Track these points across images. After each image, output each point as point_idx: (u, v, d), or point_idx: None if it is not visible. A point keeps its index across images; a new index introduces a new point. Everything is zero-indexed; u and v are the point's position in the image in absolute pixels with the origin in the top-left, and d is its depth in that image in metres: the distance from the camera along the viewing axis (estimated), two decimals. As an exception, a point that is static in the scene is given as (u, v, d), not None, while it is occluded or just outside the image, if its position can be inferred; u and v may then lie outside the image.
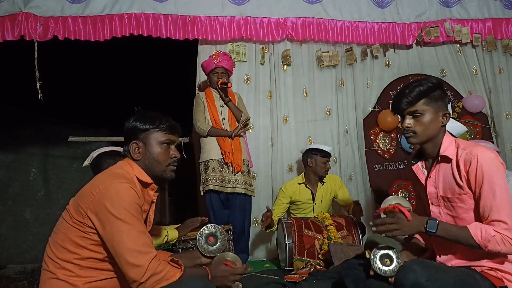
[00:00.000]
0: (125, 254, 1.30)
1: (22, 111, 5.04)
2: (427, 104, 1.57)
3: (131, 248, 1.30)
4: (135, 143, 1.52)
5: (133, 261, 1.29)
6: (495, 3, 4.09)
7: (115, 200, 1.33)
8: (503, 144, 4.01)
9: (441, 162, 1.61)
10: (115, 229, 1.31)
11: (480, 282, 1.45)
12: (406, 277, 1.38)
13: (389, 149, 3.91)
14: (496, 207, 1.44)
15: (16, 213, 4.89)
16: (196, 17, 3.56)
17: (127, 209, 1.33)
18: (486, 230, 1.43)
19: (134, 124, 1.54)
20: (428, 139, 1.60)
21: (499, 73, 4.10)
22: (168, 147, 1.55)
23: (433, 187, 1.64)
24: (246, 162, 3.23)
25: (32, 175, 5.02)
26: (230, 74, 3.34)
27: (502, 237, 1.42)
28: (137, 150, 1.52)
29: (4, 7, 3.20)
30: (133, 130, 1.53)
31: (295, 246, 2.81)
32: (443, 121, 1.59)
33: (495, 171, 1.47)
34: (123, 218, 1.32)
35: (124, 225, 1.31)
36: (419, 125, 1.58)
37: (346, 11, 3.85)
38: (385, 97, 3.97)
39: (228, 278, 1.55)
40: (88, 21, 3.33)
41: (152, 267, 1.31)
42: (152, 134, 1.53)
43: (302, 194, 3.25)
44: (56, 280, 1.36)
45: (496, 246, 1.42)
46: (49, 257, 1.39)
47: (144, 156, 1.52)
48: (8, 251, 4.76)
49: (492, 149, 1.55)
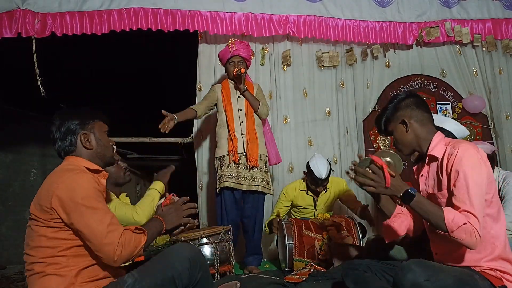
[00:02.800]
0: (95, 237, 1.37)
1: (22, 111, 5.04)
2: (389, 122, 1.75)
3: (99, 230, 1.37)
4: (84, 134, 1.59)
5: (105, 241, 1.37)
6: (495, 4, 4.09)
7: (75, 189, 1.39)
8: (503, 144, 4.01)
9: (430, 161, 1.68)
10: (81, 216, 1.37)
11: (480, 282, 1.45)
12: (405, 277, 1.38)
13: (389, 149, 3.89)
14: (469, 200, 1.46)
15: (16, 213, 4.89)
16: (196, 12, 3.52)
17: (88, 194, 1.40)
18: (459, 217, 1.44)
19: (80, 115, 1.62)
20: (410, 147, 1.72)
21: (499, 73, 4.10)
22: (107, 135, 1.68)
23: (424, 184, 1.71)
24: (264, 158, 3.05)
25: (32, 175, 5.03)
26: (248, 63, 3.17)
27: (472, 229, 1.42)
28: (86, 140, 1.59)
29: (1, 3, 3.16)
30: (80, 122, 1.60)
31: (295, 246, 2.80)
32: (405, 129, 1.69)
33: (471, 165, 1.49)
34: (86, 204, 1.38)
35: (88, 210, 1.38)
36: (396, 141, 1.76)
37: (347, 10, 3.85)
38: (385, 98, 3.97)
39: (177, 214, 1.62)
40: (85, 16, 3.29)
41: (122, 241, 1.38)
42: (96, 124, 1.64)
43: (303, 200, 3.21)
44: (46, 277, 1.39)
45: (462, 234, 1.42)
46: (32, 262, 1.42)
47: (96, 144, 1.61)
48: (8, 251, 4.76)
49: (476, 146, 1.55)
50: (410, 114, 1.68)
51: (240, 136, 2.99)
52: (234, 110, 3.03)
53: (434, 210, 1.49)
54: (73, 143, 1.58)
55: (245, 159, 2.96)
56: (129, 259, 1.42)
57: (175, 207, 1.63)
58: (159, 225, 1.57)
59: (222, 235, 2.54)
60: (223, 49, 3.15)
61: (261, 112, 3.07)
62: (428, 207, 1.50)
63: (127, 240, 1.41)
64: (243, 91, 3.02)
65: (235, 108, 3.04)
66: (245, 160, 2.96)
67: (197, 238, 2.46)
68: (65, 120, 1.60)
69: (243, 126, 3.01)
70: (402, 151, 1.75)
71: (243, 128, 3.00)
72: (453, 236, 1.44)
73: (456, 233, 1.43)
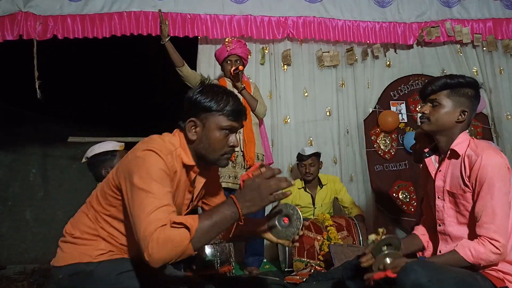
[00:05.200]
0: (136, 222, 1.18)
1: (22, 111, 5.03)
2: (448, 96, 1.59)
3: (141, 217, 1.17)
4: (193, 122, 1.35)
5: (142, 231, 1.14)
6: (496, 3, 4.09)
7: (140, 167, 1.23)
8: (503, 144, 4.00)
9: (451, 157, 1.62)
10: (133, 196, 1.22)
11: (481, 282, 1.46)
12: (407, 278, 1.38)
13: (389, 149, 3.90)
14: (492, 209, 1.45)
15: (16, 213, 4.88)
16: (196, 15, 3.54)
17: (150, 176, 1.21)
18: (474, 248, 1.46)
19: (199, 98, 1.35)
20: (439, 130, 1.61)
21: (500, 73, 4.09)
22: (227, 134, 1.36)
23: (441, 181, 1.65)
24: (261, 157, 3.06)
25: (32, 175, 5.02)
26: (245, 62, 3.16)
27: (489, 247, 1.44)
28: (193, 129, 1.35)
29: (3, 6, 3.18)
30: (195, 105, 1.35)
31: (294, 246, 2.79)
32: (460, 117, 1.59)
33: (497, 174, 1.47)
34: (142, 186, 1.20)
35: (141, 192, 1.20)
36: (434, 114, 1.60)
37: (347, 11, 3.84)
38: (386, 98, 3.97)
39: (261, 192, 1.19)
40: (87, 19, 3.31)
41: (156, 237, 1.12)
42: (213, 117, 1.34)
43: (302, 199, 3.24)
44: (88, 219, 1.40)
45: (489, 259, 1.45)
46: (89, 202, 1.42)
47: (199, 139, 1.35)
48: (8, 251, 4.75)
49: (500, 153, 1.54)
50: (470, 109, 1.61)
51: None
52: None
53: (450, 258, 1.50)
54: (182, 123, 1.38)
55: (242, 159, 2.96)
56: (170, 261, 1.15)
57: (258, 183, 1.20)
58: (231, 211, 1.19)
59: (222, 235, 2.53)
60: (220, 48, 3.16)
61: (258, 111, 3.08)
62: (442, 260, 1.50)
63: (164, 237, 1.12)
64: (241, 89, 3.01)
65: None
66: (242, 160, 2.96)
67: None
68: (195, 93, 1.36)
69: None
70: (428, 125, 1.62)
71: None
72: (484, 265, 1.48)
73: (483, 262, 1.46)
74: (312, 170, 3.21)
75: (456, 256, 1.49)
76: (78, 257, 1.37)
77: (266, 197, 1.19)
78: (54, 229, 4.79)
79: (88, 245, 1.38)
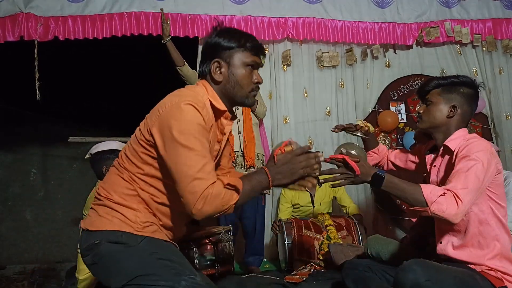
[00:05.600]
0: (181, 179, 1.22)
1: (23, 111, 5.04)
2: (439, 94, 1.66)
3: (188, 174, 1.20)
4: (217, 62, 1.36)
5: (188, 188, 1.20)
6: (495, 3, 4.09)
7: (178, 122, 1.23)
8: (503, 144, 4.01)
9: (445, 153, 1.65)
10: (175, 152, 1.22)
11: (480, 282, 1.46)
12: (406, 277, 1.38)
13: (389, 149, 3.90)
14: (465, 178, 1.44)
15: (16, 213, 4.89)
16: (196, 16, 3.55)
17: (190, 132, 1.22)
18: (438, 189, 1.44)
19: (217, 40, 1.37)
20: (432, 126, 1.66)
21: (499, 73, 4.09)
22: (252, 70, 1.40)
23: (435, 175, 1.68)
24: (261, 157, 3.07)
25: (32, 175, 5.02)
26: None
27: (451, 196, 1.41)
28: (218, 70, 1.36)
29: (4, 7, 3.20)
30: (215, 47, 1.36)
31: (294, 246, 2.81)
32: (450, 113, 1.63)
33: (478, 154, 1.48)
34: (184, 142, 1.22)
35: (184, 149, 1.22)
36: (427, 112, 1.67)
37: (346, 11, 3.85)
38: (385, 98, 3.97)
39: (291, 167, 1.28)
40: (88, 20, 3.32)
41: (206, 194, 1.20)
42: (237, 54, 1.37)
43: (301, 198, 3.25)
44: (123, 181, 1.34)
45: (442, 206, 1.40)
46: (120, 164, 1.38)
47: (226, 79, 1.36)
48: (8, 251, 4.75)
49: (488, 142, 1.57)
50: (463, 105, 1.64)
51: (237, 134, 3.00)
52: None
53: (410, 186, 1.45)
54: (206, 68, 1.38)
55: (242, 159, 2.98)
56: (213, 215, 1.24)
57: (290, 158, 1.29)
58: (264, 181, 1.29)
59: (222, 235, 2.54)
60: None
61: (258, 112, 3.09)
62: (403, 185, 1.46)
63: (214, 194, 1.20)
64: None
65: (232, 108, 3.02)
66: (242, 160, 2.98)
67: (197, 238, 2.46)
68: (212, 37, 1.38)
69: (240, 125, 3.02)
70: (422, 123, 1.69)
71: (240, 126, 3.01)
72: (433, 211, 1.40)
73: (435, 205, 1.40)
74: None
75: (415, 187, 1.45)
76: (118, 225, 1.31)
77: (297, 171, 1.28)
78: (54, 229, 4.79)
79: (129, 211, 1.32)
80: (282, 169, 1.29)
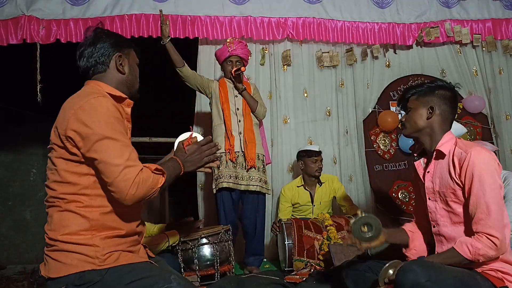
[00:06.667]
0: (112, 169, 1.24)
1: (23, 111, 5.04)
2: (417, 99, 1.69)
3: (118, 163, 1.24)
4: (120, 56, 1.46)
5: (121, 177, 1.24)
6: (495, 4, 4.09)
7: (93, 115, 1.26)
8: (503, 144, 4.01)
9: (438, 157, 1.65)
10: (99, 145, 1.25)
11: (481, 282, 1.46)
12: (406, 277, 1.38)
13: (389, 149, 3.91)
14: (486, 205, 1.46)
15: (16, 213, 4.89)
16: (196, 17, 3.55)
17: (107, 122, 1.27)
18: (472, 244, 1.47)
19: (117, 37, 1.50)
20: (415, 131, 1.68)
21: (499, 73, 4.09)
22: None
23: (430, 182, 1.67)
24: (262, 157, 3.06)
25: (32, 175, 5.02)
26: (245, 63, 3.14)
27: (487, 242, 1.44)
28: (121, 63, 1.46)
29: (6, 10, 3.22)
30: (117, 43, 1.47)
31: (294, 246, 2.80)
32: (429, 115, 1.65)
33: (485, 169, 1.49)
34: (106, 134, 1.25)
35: (108, 140, 1.25)
36: (408, 119, 1.70)
37: (346, 11, 3.85)
38: (385, 98, 3.97)
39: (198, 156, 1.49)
40: (89, 23, 3.32)
41: (138, 180, 1.26)
42: (132, 53, 1.52)
43: (301, 197, 3.25)
44: (66, 212, 1.30)
45: (487, 254, 1.45)
46: (52, 196, 1.33)
47: (128, 71, 1.49)
48: (8, 251, 4.76)
49: (489, 149, 1.56)
50: (440, 106, 1.65)
51: (238, 135, 2.99)
52: (231, 109, 3.01)
53: (449, 256, 1.51)
54: (106, 62, 1.44)
55: (242, 159, 2.97)
56: (143, 199, 1.29)
57: (196, 148, 1.49)
58: (178, 168, 1.44)
59: (222, 235, 2.54)
60: (220, 48, 3.15)
61: (258, 112, 3.08)
62: (441, 260, 1.50)
63: (144, 179, 1.27)
64: (241, 90, 3.02)
65: (232, 107, 3.02)
66: (243, 160, 2.97)
67: (197, 238, 2.46)
68: (103, 36, 1.46)
69: (241, 125, 3.01)
70: (406, 130, 1.72)
71: (240, 127, 3.01)
72: (482, 260, 1.47)
73: (483, 258, 1.46)
74: (321, 166, 3.26)
75: (454, 253, 1.49)
76: (80, 265, 1.28)
77: (202, 159, 1.51)
78: (54, 229, 4.79)
79: (86, 248, 1.29)
80: (191, 158, 1.48)
